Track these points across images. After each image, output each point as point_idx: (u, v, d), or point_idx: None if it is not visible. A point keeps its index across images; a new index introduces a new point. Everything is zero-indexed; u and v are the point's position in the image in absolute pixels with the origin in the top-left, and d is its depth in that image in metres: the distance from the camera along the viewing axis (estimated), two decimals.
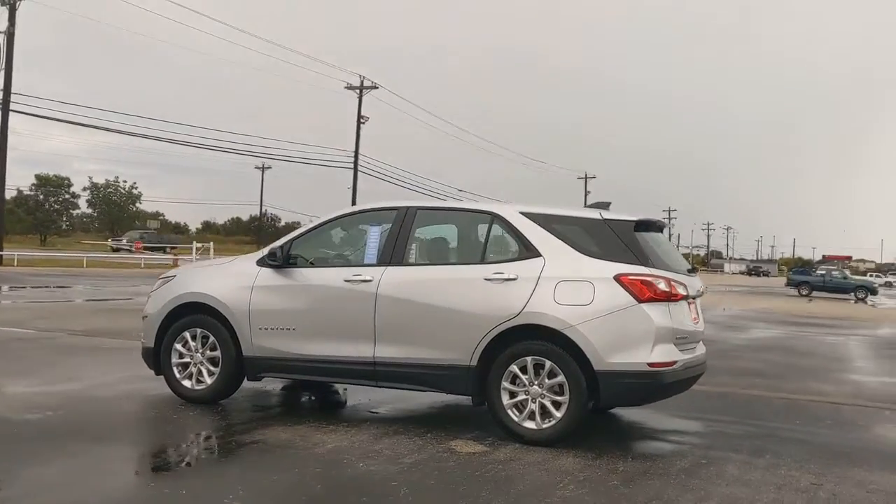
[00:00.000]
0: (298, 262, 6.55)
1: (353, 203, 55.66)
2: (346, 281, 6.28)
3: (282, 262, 6.52)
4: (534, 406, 5.72)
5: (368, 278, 6.20)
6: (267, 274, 6.57)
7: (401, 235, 6.30)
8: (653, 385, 5.61)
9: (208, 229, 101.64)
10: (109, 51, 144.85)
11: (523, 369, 5.77)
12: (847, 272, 50.65)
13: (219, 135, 64.26)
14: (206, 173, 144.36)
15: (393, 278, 6.16)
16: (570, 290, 5.70)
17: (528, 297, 5.75)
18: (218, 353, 6.64)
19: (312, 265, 6.66)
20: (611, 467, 5.23)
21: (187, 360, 6.76)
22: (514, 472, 5.03)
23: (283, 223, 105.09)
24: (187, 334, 6.76)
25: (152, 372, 6.91)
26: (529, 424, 5.73)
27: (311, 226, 6.80)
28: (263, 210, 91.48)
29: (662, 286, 5.67)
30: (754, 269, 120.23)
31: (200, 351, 6.73)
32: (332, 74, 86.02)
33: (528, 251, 5.94)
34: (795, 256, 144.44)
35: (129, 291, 20.83)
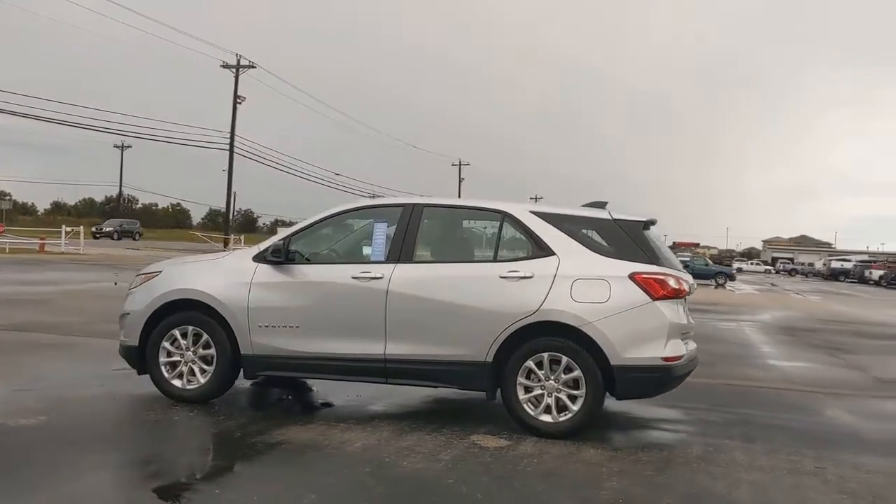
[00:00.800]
0: (296, 258, 6.43)
1: (230, 185, 54.17)
2: (354, 278, 6.24)
3: (283, 258, 6.39)
4: (550, 400, 5.92)
5: (379, 275, 6.19)
6: (266, 270, 6.43)
7: (408, 232, 6.33)
8: (664, 378, 5.94)
9: (58, 210, 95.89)
10: None
11: (539, 364, 5.96)
12: (707, 259, 54.08)
13: (73, 109, 60.73)
14: (57, 152, 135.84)
15: (404, 275, 6.18)
16: (586, 288, 5.92)
17: (545, 295, 5.94)
18: (212, 351, 6.44)
19: (308, 261, 6.57)
20: (634, 458, 5.51)
21: (177, 358, 6.52)
22: (553, 466, 5.21)
23: (140, 204, 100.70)
24: (177, 332, 6.52)
25: (118, 368, 6.63)
26: (546, 418, 5.93)
27: (309, 221, 6.68)
28: (121, 191, 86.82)
29: (673, 283, 6.00)
30: None
31: (192, 349, 6.50)
32: (210, 53, 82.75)
33: (541, 250, 6.12)
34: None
35: (14, 279, 19.41)
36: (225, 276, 6.53)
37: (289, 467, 4.93)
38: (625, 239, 6.15)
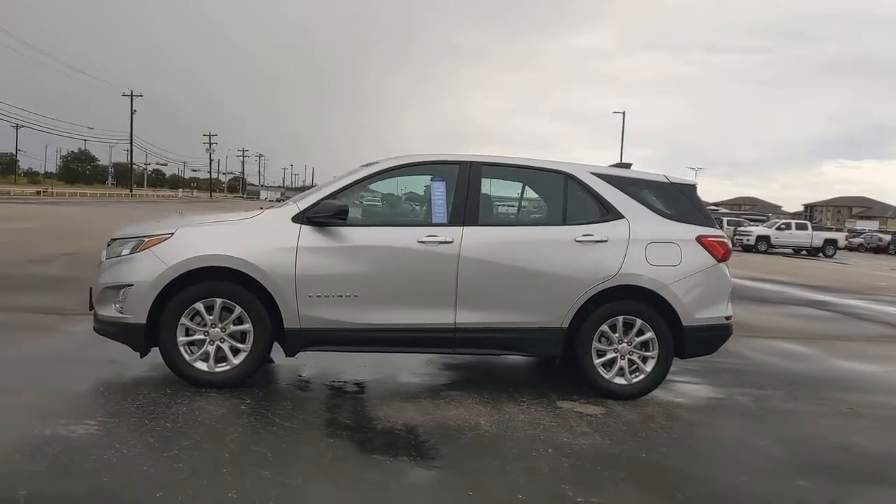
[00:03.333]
0: (346, 219, 5.72)
1: None
2: (420, 242, 5.71)
3: (331, 219, 5.66)
4: (623, 363, 5.95)
5: (448, 239, 5.73)
6: (312, 233, 5.65)
7: (470, 192, 5.90)
8: (724, 335, 6.20)
9: None
10: None
11: (613, 328, 5.94)
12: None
13: None
14: None
15: (475, 240, 5.78)
16: (659, 252, 5.97)
17: (622, 259, 5.89)
18: (247, 326, 5.58)
19: (360, 223, 5.94)
20: (709, 413, 5.75)
21: (200, 336, 5.57)
22: (667, 430, 5.26)
23: None
24: (200, 306, 5.55)
25: (116, 352, 5.63)
26: (619, 381, 5.95)
27: (354, 178, 5.94)
28: None
29: (729, 246, 6.25)
30: (286, 197, 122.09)
31: (220, 325, 5.58)
32: None
33: (609, 213, 6.03)
34: (313, 183, 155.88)
35: None
36: (264, 239, 5.64)
37: (438, 456, 4.46)
38: (683, 201, 6.26)
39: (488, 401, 5.68)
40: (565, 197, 6.13)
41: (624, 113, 61.67)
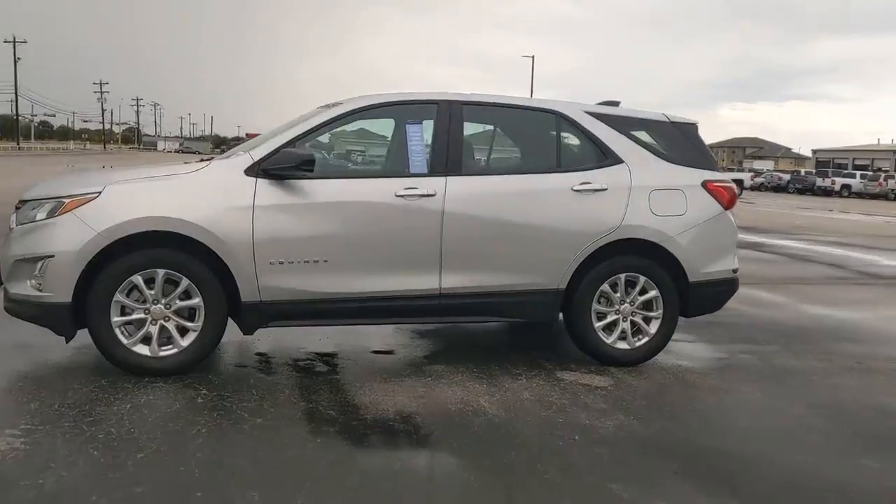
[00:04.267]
0: (310, 171, 4.82)
1: None
2: (397, 196, 4.89)
3: (293, 171, 4.76)
4: (625, 325, 5.33)
5: (430, 192, 4.93)
6: (270, 188, 4.75)
7: (452, 137, 5.10)
8: (731, 290, 5.65)
9: None
10: None
11: (614, 287, 5.31)
12: None
13: None
14: None
15: (461, 192, 5.00)
16: (663, 200, 5.33)
17: (624, 209, 5.23)
18: (197, 300, 4.68)
19: (326, 175, 5.09)
20: (722, 377, 5.22)
21: (140, 315, 4.64)
22: (690, 402, 4.70)
23: None
24: (138, 279, 4.61)
25: (30, 334, 4.67)
26: (622, 345, 5.34)
27: (317, 122, 5.01)
28: None
29: (735, 191, 5.67)
30: (186, 148, 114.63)
31: (164, 301, 4.66)
32: None
33: (607, 157, 5.34)
34: (213, 133, 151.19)
35: None
36: (212, 197, 4.70)
37: (484, 451, 3.75)
38: (685, 143, 5.62)
39: (480, 375, 4.98)
40: (558, 140, 5.40)
41: (533, 57, 61.14)
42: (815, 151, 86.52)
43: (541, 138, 5.57)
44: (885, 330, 7.00)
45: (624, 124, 5.48)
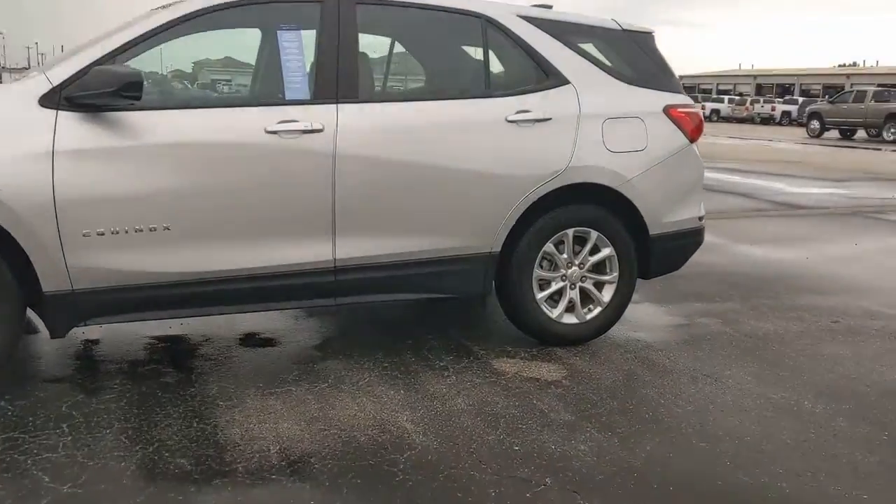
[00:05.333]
0: (139, 98, 3.29)
1: None
2: (269, 132, 3.45)
3: (113, 98, 3.22)
4: (573, 294, 4.16)
5: (316, 126, 3.51)
6: (79, 125, 3.20)
7: (344, 49, 3.66)
8: (697, 243, 4.55)
9: None
10: None
11: (559, 247, 4.11)
12: None
13: None
14: None
15: (358, 125, 3.60)
16: (620, 132, 4.12)
17: (572, 145, 3.99)
18: None
19: (165, 104, 3.56)
20: (690, 352, 4.17)
21: None
22: (670, 397, 3.60)
23: None
24: None
25: None
26: (570, 319, 4.18)
27: (139, 31, 3.42)
28: None
29: (701, 117, 4.52)
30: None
31: None
32: None
33: (548, 77, 4.05)
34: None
35: None
36: None
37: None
38: (641, 57, 4.39)
39: (394, 374, 3.71)
40: (486, 54, 4.03)
41: None
42: (681, 77, 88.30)
43: (463, 52, 4.22)
44: (839, 275, 6.18)
45: (569, 33, 4.18)
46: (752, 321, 4.80)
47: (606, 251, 4.17)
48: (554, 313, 4.12)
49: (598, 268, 4.20)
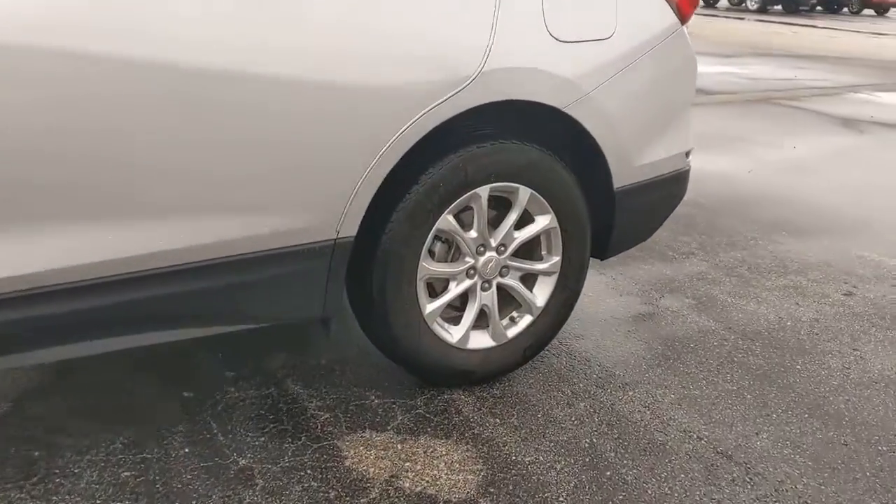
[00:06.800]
0: None
1: None
2: None
3: None
4: (486, 297, 2.35)
5: None
6: None
7: None
8: (678, 195, 2.79)
9: None
10: None
11: (462, 218, 2.25)
12: None
13: None
14: None
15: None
16: (566, 6, 2.23)
17: (490, 30, 2.07)
18: None
19: None
20: (670, 369, 2.53)
21: None
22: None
23: None
24: None
25: None
26: (482, 340, 2.38)
27: None
28: None
29: None
30: None
31: None
32: None
33: None
34: None
35: None
36: None
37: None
38: None
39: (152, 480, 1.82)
40: None
41: None
42: None
43: None
44: (806, 201, 4.70)
45: None
46: (738, 300, 3.20)
47: (544, 221, 2.34)
48: (454, 334, 2.31)
49: (529, 250, 2.39)
